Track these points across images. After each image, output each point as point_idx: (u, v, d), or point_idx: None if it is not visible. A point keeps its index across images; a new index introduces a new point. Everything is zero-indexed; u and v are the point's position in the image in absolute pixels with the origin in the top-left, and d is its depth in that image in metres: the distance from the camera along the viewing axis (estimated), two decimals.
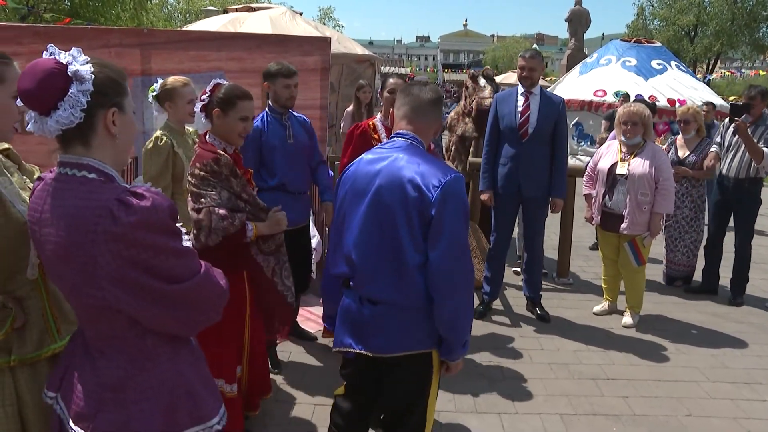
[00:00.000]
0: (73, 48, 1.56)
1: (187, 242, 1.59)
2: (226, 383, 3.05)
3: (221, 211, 2.83)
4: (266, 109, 4.01)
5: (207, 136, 3.02)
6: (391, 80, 4.27)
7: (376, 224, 2.26)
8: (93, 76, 1.53)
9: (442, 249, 2.19)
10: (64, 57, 1.54)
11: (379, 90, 4.43)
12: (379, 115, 4.32)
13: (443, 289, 2.23)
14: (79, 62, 1.53)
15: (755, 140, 5.33)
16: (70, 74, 1.51)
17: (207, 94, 2.99)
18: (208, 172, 2.85)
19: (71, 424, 1.62)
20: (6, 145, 2.15)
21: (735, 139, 5.53)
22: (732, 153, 5.57)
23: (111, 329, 1.58)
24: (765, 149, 5.31)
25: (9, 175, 2.06)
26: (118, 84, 1.60)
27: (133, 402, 1.58)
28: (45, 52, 1.57)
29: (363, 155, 2.45)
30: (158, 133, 3.63)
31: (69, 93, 1.50)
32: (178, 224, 1.59)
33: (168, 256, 1.52)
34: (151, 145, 3.58)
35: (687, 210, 5.96)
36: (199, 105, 3.02)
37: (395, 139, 2.40)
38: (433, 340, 2.35)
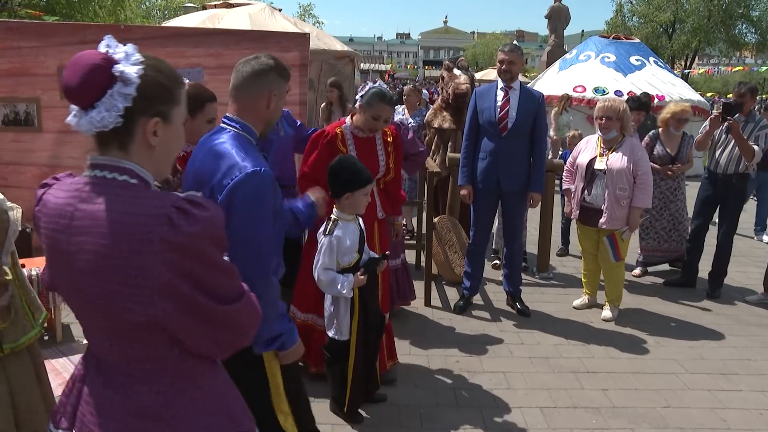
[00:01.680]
0: (129, 44, 1.39)
1: (225, 258, 1.45)
2: None
3: None
4: None
5: None
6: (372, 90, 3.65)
7: None
8: (140, 80, 1.34)
9: (234, 251, 2.11)
10: (118, 52, 1.37)
11: (358, 97, 3.76)
12: (348, 120, 3.85)
13: None
14: (129, 61, 1.36)
15: (745, 137, 5.38)
16: (114, 73, 1.33)
17: None
18: None
19: None
20: None
21: (724, 135, 5.57)
22: (721, 149, 5.60)
23: (148, 351, 1.39)
24: (756, 147, 5.37)
25: None
26: (168, 91, 1.41)
27: (177, 429, 1.43)
28: (101, 43, 1.39)
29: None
30: None
31: (107, 94, 1.33)
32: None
33: (218, 272, 1.39)
34: None
35: (656, 200, 5.97)
36: None
37: (223, 125, 2.28)
38: None
